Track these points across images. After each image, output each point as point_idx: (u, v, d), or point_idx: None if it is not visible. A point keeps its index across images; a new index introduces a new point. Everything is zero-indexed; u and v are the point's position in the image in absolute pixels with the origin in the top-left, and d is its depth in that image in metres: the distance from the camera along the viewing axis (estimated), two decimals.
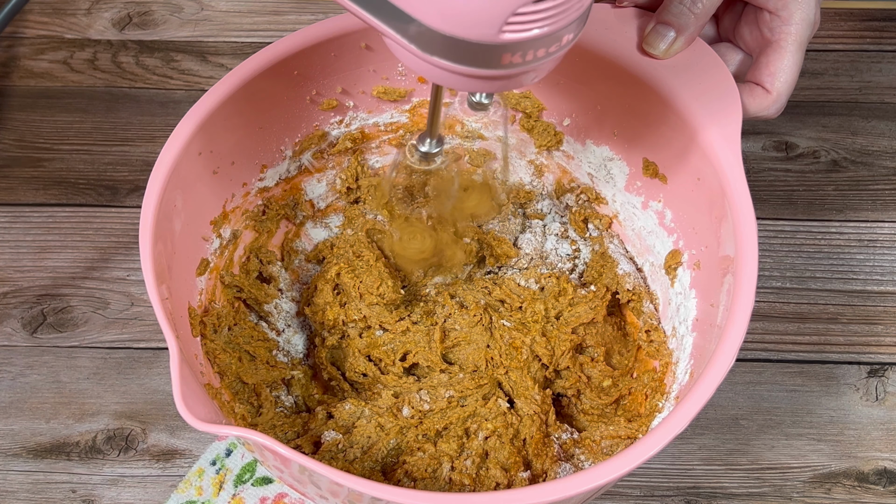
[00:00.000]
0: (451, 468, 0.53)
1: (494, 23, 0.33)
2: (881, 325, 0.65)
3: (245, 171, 0.57)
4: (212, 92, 0.50)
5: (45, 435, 0.61)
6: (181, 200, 0.50)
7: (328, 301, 0.59)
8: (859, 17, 0.79)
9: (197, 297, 0.54)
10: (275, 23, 0.79)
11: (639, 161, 0.56)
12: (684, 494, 0.59)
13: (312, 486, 0.46)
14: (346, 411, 0.55)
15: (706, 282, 0.52)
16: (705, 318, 0.51)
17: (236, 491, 0.58)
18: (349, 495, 0.43)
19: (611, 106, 0.55)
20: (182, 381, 0.41)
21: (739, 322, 0.44)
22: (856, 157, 0.72)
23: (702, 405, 0.42)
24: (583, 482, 0.40)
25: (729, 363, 0.43)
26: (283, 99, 0.55)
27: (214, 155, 0.52)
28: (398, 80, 0.57)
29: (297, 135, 0.58)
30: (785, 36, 0.48)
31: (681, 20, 0.48)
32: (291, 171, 0.60)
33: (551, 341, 0.57)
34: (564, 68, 0.54)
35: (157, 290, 0.45)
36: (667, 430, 0.41)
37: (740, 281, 0.45)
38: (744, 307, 0.44)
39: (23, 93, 0.76)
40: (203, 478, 0.58)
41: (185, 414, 0.40)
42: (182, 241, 0.52)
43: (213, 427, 0.40)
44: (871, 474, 0.59)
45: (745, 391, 0.62)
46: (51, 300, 0.66)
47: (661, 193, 0.56)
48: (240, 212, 0.58)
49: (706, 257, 0.52)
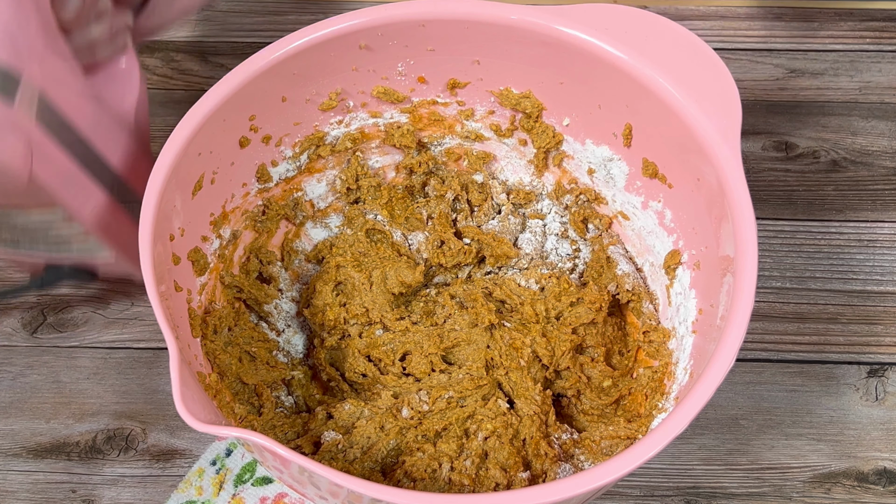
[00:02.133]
0: (450, 468, 0.53)
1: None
2: (881, 325, 0.65)
3: (244, 171, 0.57)
4: (210, 93, 0.50)
5: (45, 435, 0.61)
6: (180, 201, 0.51)
7: (328, 302, 0.59)
8: (859, 17, 0.79)
9: (197, 298, 0.54)
10: (275, 23, 0.79)
11: (638, 161, 0.56)
12: (684, 494, 0.59)
13: (312, 487, 0.46)
14: (346, 412, 0.55)
15: (706, 282, 0.52)
16: (705, 319, 0.51)
17: (236, 491, 0.58)
18: (349, 496, 0.43)
19: (611, 106, 0.55)
20: (182, 382, 0.41)
21: (739, 322, 0.44)
22: (856, 157, 0.72)
23: (701, 406, 0.42)
24: (583, 483, 0.40)
25: (729, 364, 0.43)
26: (283, 99, 0.55)
27: (214, 156, 0.52)
28: (398, 81, 0.57)
29: (297, 135, 0.58)
30: None
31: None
32: (291, 172, 0.60)
33: (551, 342, 0.57)
34: (565, 68, 0.54)
35: (156, 290, 0.45)
36: (666, 431, 0.41)
37: (740, 281, 0.45)
38: (744, 308, 0.44)
39: None
40: (203, 478, 0.58)
41: (184, 415, 0.40)
42: (182, 241, 0.52)
43: (213, 428, 0.40)
44: (871, 474, 0.59)
45: (745, 391, 0.62)
46: (51, 300, 0.66)
47: (660, 193, 0.56)
48: (239, 212, 0.58)
49: (706, 257, 0.52)
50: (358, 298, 0.59)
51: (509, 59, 0.55)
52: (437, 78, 0.57)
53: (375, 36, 0.53)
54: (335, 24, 0.52)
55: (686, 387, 0.50)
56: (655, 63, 0.50)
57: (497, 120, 0.60)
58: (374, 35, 0.53)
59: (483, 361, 0.57)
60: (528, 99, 0.58)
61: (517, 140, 0.61)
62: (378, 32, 0.53)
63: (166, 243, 0.49)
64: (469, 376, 0.56)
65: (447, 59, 0.56)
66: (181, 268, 0.51)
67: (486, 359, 0.57)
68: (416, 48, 0.55)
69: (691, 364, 0.51)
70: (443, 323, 0.59)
